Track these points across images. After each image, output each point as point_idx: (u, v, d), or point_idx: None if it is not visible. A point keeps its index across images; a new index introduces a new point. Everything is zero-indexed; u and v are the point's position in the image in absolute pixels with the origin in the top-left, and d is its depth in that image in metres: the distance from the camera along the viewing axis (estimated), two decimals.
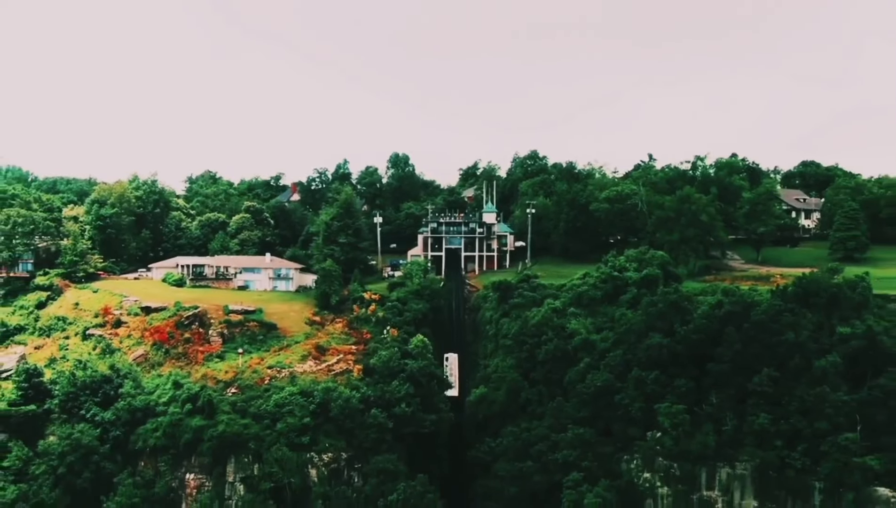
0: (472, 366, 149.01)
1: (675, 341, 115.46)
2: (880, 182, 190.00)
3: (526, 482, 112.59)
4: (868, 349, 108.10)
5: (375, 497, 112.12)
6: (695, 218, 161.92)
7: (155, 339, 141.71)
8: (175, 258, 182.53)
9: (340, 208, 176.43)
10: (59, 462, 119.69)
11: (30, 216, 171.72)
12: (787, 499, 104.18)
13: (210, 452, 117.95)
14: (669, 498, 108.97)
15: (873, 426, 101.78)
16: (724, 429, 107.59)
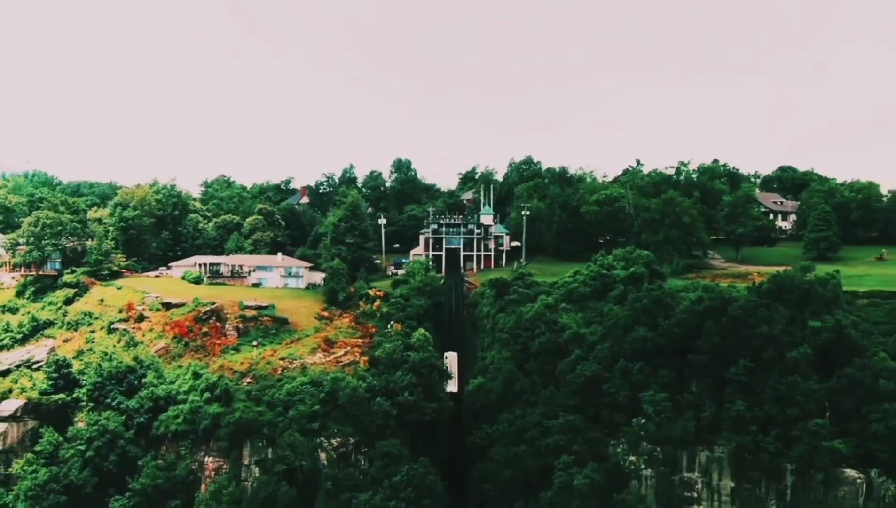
0: (470, 358, 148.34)
1: (658, 334, 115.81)
2: (851, 186, 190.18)
3: (520, 465, 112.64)
4: (837, 342, 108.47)
5: (380, 478, 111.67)
6: (678, 220, 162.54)
7: (175, 333, 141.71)
8: (193, 257, 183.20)
9: (347, 211, 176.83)
10: (88, 447, 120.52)
11: (57, 218, 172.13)
12: (762, 480, 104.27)
13: (227, 437, 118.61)
14: (653, 480, 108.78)
15: (841, 413, 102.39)
16: (703, 416, 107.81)
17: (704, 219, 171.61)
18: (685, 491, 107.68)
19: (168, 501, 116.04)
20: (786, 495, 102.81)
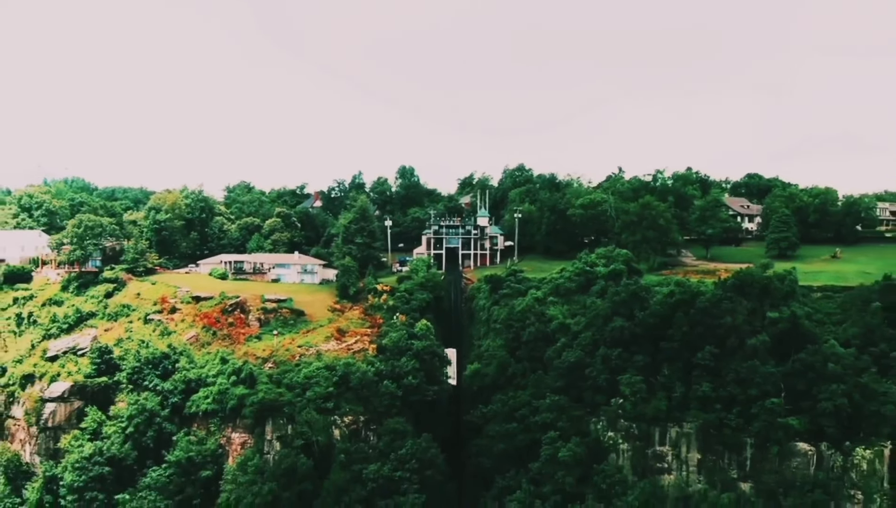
0: (467, 346, 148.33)
1: (634, 324, 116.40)
2: (809, 192, 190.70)
3: (511, 440, 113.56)
4: (792, 330, 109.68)
5: (387, 451, 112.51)
6: (654, 222, 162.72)
7: (204, 323, 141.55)
8: (219, 256, 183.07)
9: (357, 214, 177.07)
10: (128, 424, 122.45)
11: (98, 221, 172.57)
12: (725, 452, 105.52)
13: (251, 415, 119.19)
14: (629, 453, 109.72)
15: (794, 393, 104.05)
16: (673, 396, 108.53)
17: (678, 221, 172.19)
18: (657, 463, 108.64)
19: (199, 472, 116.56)
20: (746, 465, 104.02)
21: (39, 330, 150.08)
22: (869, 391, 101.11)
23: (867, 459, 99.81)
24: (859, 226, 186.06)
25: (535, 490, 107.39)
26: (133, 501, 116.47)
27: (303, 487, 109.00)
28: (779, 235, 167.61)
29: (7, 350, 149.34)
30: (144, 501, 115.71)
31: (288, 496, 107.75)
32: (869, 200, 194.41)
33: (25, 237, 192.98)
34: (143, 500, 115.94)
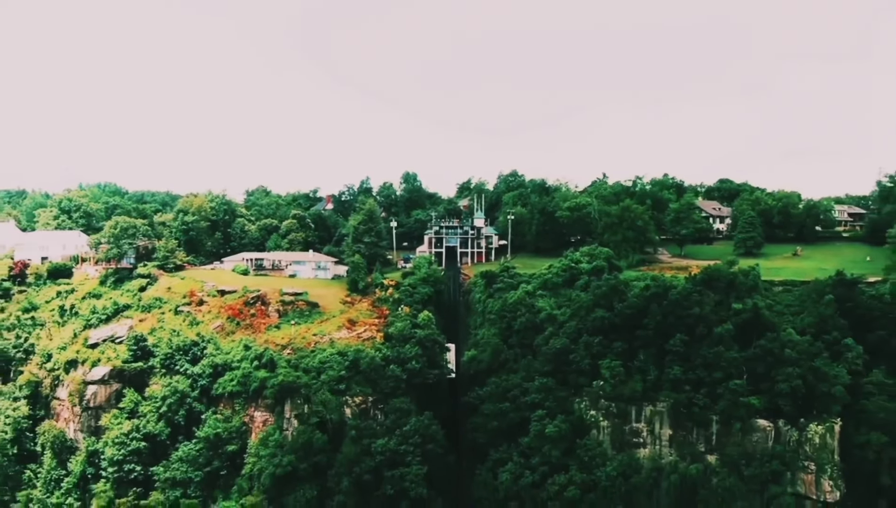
0: (465, 335, 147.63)
1: (614, 314, 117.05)
2: (774, 196, 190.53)
3: (504, 418, 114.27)
4: (754, 320, 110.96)
5: (393, 428, 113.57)
6: (633, 223, 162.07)
7: (229, 314, 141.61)
8: (241, 254, 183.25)
9: (365, 216, 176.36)
10: (162, 403, 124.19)
11: (132, 222, 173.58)
12: (693, 428, 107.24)
13: (272, 396, 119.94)
14: (609, 429, 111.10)
15: (755, 376, 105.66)
16: (648, 378, 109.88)
17: (655, 222, 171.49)
18: (633, 438, 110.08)
19: (225, 446, 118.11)
20: (712, 440, 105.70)
21: (81, 321, 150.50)
22: (821, 373, 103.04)
23: (819, 434, 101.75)
24: (819, 227, 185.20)
25: (524, 462, 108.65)
26: (166, 472, 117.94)
27: (318, 459, 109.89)
28: (746, 235, 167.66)
29: (52, 339, 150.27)
30: (177, 472, 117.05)
31: (305, 467, 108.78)
32: (827, 203, 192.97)
33: (66, 237, 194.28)
34: (175, 471, 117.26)
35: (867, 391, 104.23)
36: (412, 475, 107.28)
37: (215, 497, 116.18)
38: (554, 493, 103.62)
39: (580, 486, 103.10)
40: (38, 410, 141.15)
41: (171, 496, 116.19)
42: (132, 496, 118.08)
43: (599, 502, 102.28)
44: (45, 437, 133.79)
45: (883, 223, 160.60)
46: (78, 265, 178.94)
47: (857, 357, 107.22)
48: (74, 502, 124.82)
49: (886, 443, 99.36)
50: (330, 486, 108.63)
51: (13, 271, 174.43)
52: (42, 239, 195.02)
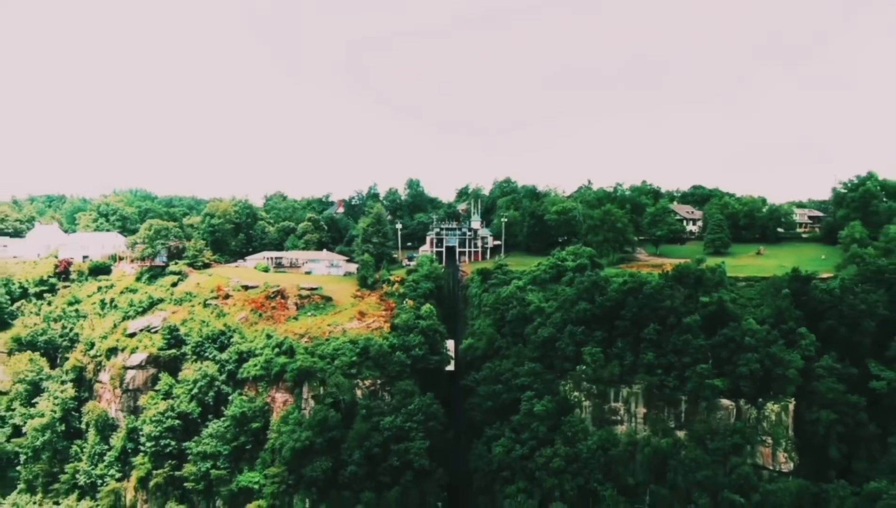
0: (462, 325, 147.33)
1: (595, 307, 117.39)
2: (740, 200, 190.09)
3: (497, 398, 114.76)
4: (719, 311, 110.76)
5: (399, 407, 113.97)
6: (613, 226, 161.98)
7: (252, 306, 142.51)
8: (262, 253, 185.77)
9: (373, 219, 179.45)
10: (193, 386, 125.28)
11: (164, 225, 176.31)
12: (665, 407, 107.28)
13: (292, 379, 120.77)
14: (590, 408, 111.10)
15: (719, 361, 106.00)
16: (625, 363, 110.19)
17: (633, 225, 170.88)
18: (612, 416, 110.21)
19: (250, 423, 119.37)
20: (681, 417, 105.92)
21: (119, 313, 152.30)
22: (777, 359, 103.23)
23: (775, 412, 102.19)
24: (780, 228, 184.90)
25: (515, 437, 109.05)
26: (197, 447, 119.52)
27: (332, 435, 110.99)
28: (714, 236, 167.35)
29: (94, 329, 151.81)
30: (207, 447, 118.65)
31: (320, 441, 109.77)
32: (788, 207, 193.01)
33: (105, 238, 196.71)
34: (205, 446, 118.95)
35: (818, 375, 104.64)
36: (416, 448, 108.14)
37: (241, 468, 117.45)
38: (541, 464, 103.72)
39: (564, 458, 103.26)
40: (82, 392, 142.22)
41: (202, 467, 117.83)
42: (167, 468, 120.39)
43: (581, 472, 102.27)
44: (90, 416, 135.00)
45: (837, 226, 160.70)
46: (116, 263, 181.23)
47: (809, 345, 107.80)
48: (116, 473, 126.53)
49: (834, 420, 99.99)
50: (343, 458, 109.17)
51: (58, 269, 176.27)
52: (83, 240, 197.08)
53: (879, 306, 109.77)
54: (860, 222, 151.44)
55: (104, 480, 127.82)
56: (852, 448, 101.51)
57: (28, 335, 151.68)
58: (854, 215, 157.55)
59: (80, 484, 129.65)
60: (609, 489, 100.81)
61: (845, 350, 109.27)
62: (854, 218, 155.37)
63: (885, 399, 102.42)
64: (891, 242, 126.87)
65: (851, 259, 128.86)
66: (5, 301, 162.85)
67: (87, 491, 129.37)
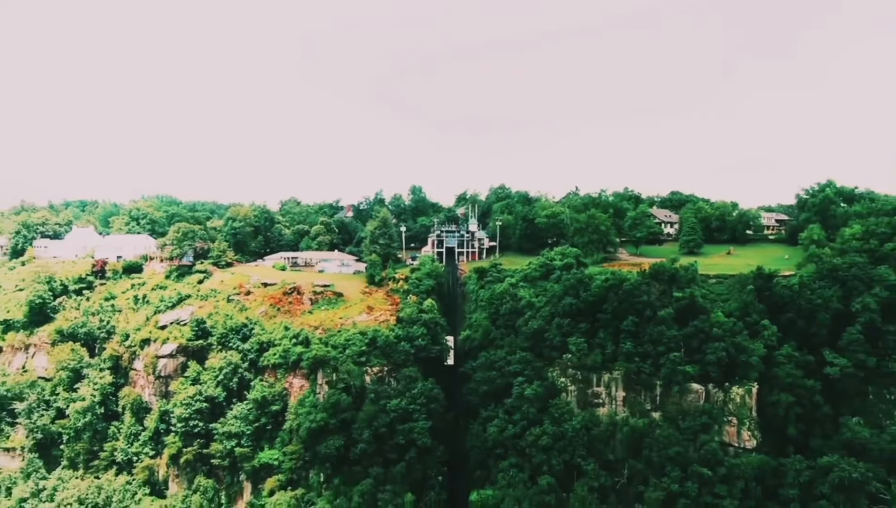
0: (461, 318, 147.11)
1: (579, 301, 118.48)
2: (712, 205, 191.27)
3: (492, 384, 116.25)
4: (690, 305, 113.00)
5: (404, 391, 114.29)
6: (597, 228, 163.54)
7: (271, 302, 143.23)
8: (279, 253, 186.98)
9: (379, 222, 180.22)
10: (219, 373, 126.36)
11: (191, 228, 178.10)
12: (642, 391, 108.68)
13: (307, 366, 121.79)
14: (575, 392, 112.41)
15: (690, 349, 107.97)
16: (606, 352, 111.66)
17: (615, 227, 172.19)
18: (594, 399, 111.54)
19: (270, 406, 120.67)
20: (656, 400, 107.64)
21: (151, 307, 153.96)
22: (742, 347, 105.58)
23: (740, 395, 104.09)
24: (749, 230, 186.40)
25: (508, 418, 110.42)
26: (223, 427, 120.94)
27: (344, 416, 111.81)
28: (688, 237, 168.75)
29: (128, 322, 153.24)
30: (231, 427, 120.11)
31: (334, 422, 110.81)
32: (756, 212, 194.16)
33: (137, 240, 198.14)
34: (230, 426, 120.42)
35: (779, 362, 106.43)
36: (419, 428, 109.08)
37: (262, 446, 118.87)
38: (531, 442, 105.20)
39: (552, 437, 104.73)
40: (119, 378, 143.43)
41: (227, 446, 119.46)
42: (196, 446, 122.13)
43: (567, 449, 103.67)
44: (126, 400, 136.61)
45: (799, 228, 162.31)
46: (147, 263, 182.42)
47: (771, 335, 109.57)
48: (150, 451, 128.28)
49: (793, 402, 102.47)
50: (354, 437, 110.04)
51: (95, 268, 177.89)
52: (117, 241, 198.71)
53: (833, 300, 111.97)
54: (819, 225, 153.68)
55: (139, 457, 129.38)
56: (809, 427, 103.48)
57: (69, 327, 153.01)
58: (814, 219, 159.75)
59: (118, 461, 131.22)
60: (591, 464, 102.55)
61: (803, 340, 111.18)
62: (814, 221, 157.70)
63: (838, 384, 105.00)
64: (846, 243, 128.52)
65: (810, 259, 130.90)
66: (48, 297, 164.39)
67: (123, 467, 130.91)
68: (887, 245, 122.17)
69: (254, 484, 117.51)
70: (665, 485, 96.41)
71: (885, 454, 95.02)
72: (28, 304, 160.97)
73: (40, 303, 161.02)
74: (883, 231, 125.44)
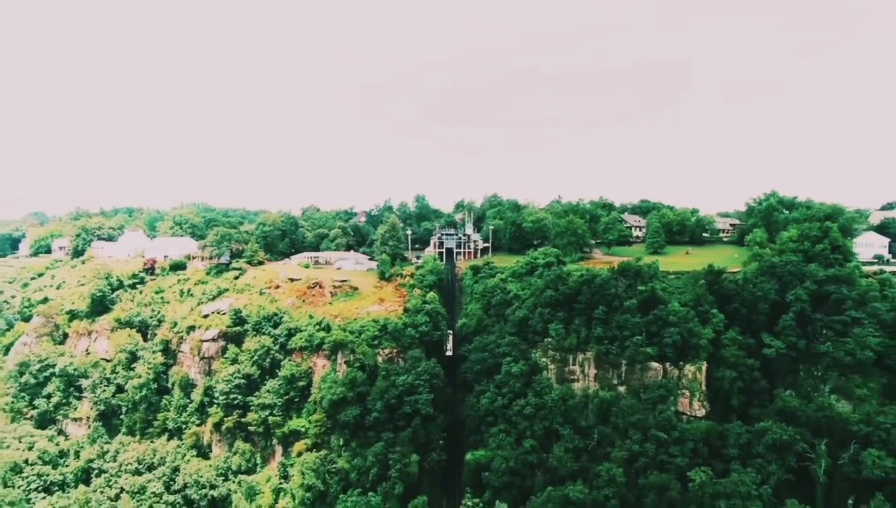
0: (458, 308, 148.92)
1: (558, 294, 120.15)
2: (675, 211, 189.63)
3: (484, 363, 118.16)
4: (651, 297, 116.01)
5: (410, 369, 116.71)
6: (575, 232, 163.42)
7: (297, 294, 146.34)
8: (303, 254, 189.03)
9: (389, 227, 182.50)
10: (254, 354, 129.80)
11: (228, 232, 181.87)
12: (609, 369, 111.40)
13: (329, 348, 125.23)
14: (554, 370, 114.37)
15: (650, 334, 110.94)
16: (580, 336, 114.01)
17: (591, 231, 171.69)
18: (570, 375, 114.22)
19: (298, 382, 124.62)
20: (622, 376, 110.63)
21: (195, 299, 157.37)
22: (694, 332, 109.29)
23: (692, 371, 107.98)
24: (706, 233, 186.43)
25: (497, 391, 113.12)
26: (258, 399, 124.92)
27: (360, 390, 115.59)
28: (653, 239, 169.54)
29: (176, 311, 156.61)
30: (265, 399, 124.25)
31: (351, 395, 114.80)
32: (710, 218, 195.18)
33: (181, 242, 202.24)
34: (264, 399, 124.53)
35: (724, 344, 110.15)
36: (423, 400, 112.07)
37: (291, 415, 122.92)
38: (517, 411, 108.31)
39: (534, 406, 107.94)
40: (169, 359, 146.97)
41: (261, 415, 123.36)
42: (235, 416, 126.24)
43: (547, 417, 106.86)
44: (175, 377, 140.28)
45: (747, 232, 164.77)
46: (190, 262, 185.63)
47: (719, 322, 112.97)
48: (196, 420, 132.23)
49: (736, 378, 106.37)
50: (368, 407, 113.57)
51: (146, 266, 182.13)
52: (164, 243, 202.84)
53: (771, 292, 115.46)
54: (764, 229, 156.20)
55: (187, 425, 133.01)
56: (749, 398, 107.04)
57: (126, 316, 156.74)
58: (760, 224, 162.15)
59: (169, 428, 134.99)
60: (567, 429, 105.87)
61: (745, 326, 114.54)
62: (760, 226, 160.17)
63: (774, 363, 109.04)
64: (783, 244, 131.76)
65: (754, 258, 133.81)
66: (107, 291, 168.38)
67: (174, 434, 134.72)
68: (818, 246, 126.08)
69: (284, 447, 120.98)
70: (628, 446, 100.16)
71: (811, 420, 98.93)
72: (90, 296, 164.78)
73: (101, 296, 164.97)
74: (815, 234, 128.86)
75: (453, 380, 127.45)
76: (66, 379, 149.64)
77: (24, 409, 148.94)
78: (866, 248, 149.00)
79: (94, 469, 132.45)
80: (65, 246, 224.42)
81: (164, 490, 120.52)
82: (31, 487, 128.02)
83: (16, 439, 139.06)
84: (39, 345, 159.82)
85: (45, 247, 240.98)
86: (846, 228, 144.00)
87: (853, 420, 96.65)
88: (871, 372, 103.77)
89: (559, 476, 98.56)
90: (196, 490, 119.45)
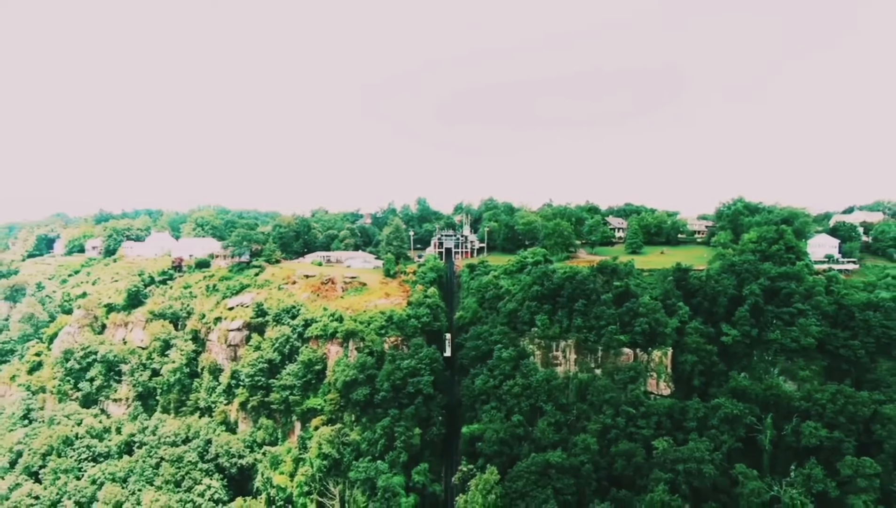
0: (456, 302, 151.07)
1: (544, 289, 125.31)
2: (653, 215, 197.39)
3: (479, 350, 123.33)
4: (626, 292, 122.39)
5: (413, 354, 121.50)
6: (562, 233, 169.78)
7: (311, 289, 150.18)
8: (315, 253, 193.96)
9: (393, 228, 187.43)
10: (275, 342, 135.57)
11: (248, 233, 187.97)
12: (588, 354, 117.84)
13: (342, 337, 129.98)
14: (539, 355, 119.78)
15: (623, 323, 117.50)
16: (563, 326, 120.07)
17: (576, 233, 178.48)
18: (554, 360, 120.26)
19: (314, 366, 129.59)
20: (598, 360, 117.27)
21: (220, 294, 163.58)
22: (661, 322, 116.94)
23: (659, 356, 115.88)
24: (682, 234, 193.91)
25: (490, 374, 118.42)
26: (280, 382, 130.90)
27: (370, 373, 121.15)
28: (632, 240, 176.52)
29: (203, 305, 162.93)
30: (286, 381, 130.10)
31: (362, 377, 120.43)
32: (684, 221, 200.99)
33: (205, 242, 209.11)
34: (284, 381, 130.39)
35: (688, 333, 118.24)
36: (424, 381, 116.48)
37: (309, 395, 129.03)
38: (506, 391, 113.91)
39: (522, 387, 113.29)
40: (198, 347, 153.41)
41: (282, 395, 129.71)
42: (259, 396, 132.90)
43: (533, 395, 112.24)
44: (204, 363, 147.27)
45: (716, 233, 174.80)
46: (213, 260, 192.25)
47: (684, 313, 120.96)
48: (224, 400, 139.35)
49: (697, 362, 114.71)
50: (377, 387, 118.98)
51: (174, 264, 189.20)
52: (189, 243, 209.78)
53: (730, 288, 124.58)
54: (730, 231, 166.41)
55: (216, 404, 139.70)
56: (708, 379, 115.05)
57: (159, 309, 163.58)
58: (727, 226, 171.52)
59: (200, 407, 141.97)
60: (550, 406, 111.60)
61: (707, 317, 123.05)
62: (727, 228, 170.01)
63: (730, 349, 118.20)
64: (744, 245, 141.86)
65: (717, 257, 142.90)
66: (141, 286, 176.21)
67: (204, 412, 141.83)
68: (773, 247, 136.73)
69: (303, 423, 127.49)
70: (602, 420, 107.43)
71: (759, 397, 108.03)
72: (126, 291, 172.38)
73: (135, 290, 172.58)
74: (771, 236, 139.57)
75: (451, 364, 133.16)
76: (107, 364, 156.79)
77: (69, 391, 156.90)
78: (819, 248, 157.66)
79: (135, 442, 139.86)
80: (97, 246, 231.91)
81: (199, 459, 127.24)
82: (81, 457, 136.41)
83: (65, 416, 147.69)
84: (81, 334, 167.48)
85: (79, 246, 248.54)
86: (800, 230, 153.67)
87: (796, 397, 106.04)
88: (813, 356, 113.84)
89: (542, 446, 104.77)
90: (227, 458, 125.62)
